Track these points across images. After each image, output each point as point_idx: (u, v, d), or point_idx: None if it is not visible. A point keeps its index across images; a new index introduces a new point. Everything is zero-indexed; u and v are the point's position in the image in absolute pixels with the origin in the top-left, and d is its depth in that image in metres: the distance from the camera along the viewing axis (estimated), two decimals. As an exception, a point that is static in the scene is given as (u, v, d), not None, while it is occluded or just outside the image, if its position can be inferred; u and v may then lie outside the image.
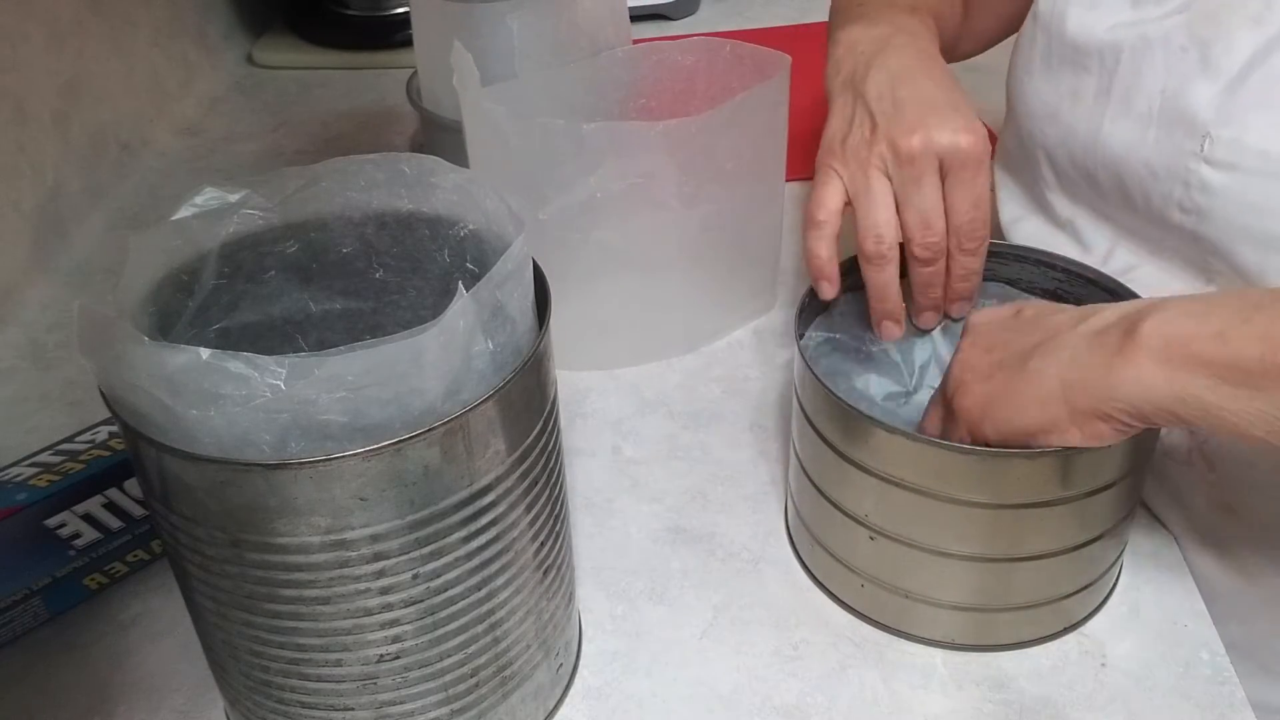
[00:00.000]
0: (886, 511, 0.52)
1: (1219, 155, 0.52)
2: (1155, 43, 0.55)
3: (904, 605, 0.54)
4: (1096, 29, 0.58)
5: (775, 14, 1.26)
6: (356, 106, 1.12)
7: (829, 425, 0.53)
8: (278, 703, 0.45)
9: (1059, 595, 0.53)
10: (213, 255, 0.46)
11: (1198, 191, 0.54)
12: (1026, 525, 0.50)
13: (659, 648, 0.56)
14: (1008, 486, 0.48)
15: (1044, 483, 0.48)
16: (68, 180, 0.90)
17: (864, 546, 0.54)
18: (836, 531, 0.55)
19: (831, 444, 0.52)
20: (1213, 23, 0.54)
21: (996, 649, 0.54)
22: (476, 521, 0.42)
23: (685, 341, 0.76)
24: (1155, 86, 0.55)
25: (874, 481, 0.51)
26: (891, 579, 0.54)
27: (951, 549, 0.51)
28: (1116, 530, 0.53)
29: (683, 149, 0.66)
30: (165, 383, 0.36)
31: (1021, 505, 0.49)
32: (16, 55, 0.84)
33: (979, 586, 0.52)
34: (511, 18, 0.78)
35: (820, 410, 0.53)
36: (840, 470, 0.52)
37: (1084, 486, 0.49)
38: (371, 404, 0.38)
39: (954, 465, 0.48)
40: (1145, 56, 0.56)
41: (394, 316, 0.52)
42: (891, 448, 0.50)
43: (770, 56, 0.71)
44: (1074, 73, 0.60)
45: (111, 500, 0.60)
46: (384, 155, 0.48)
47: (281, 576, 0.40)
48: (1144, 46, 0.56)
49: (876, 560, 0.54)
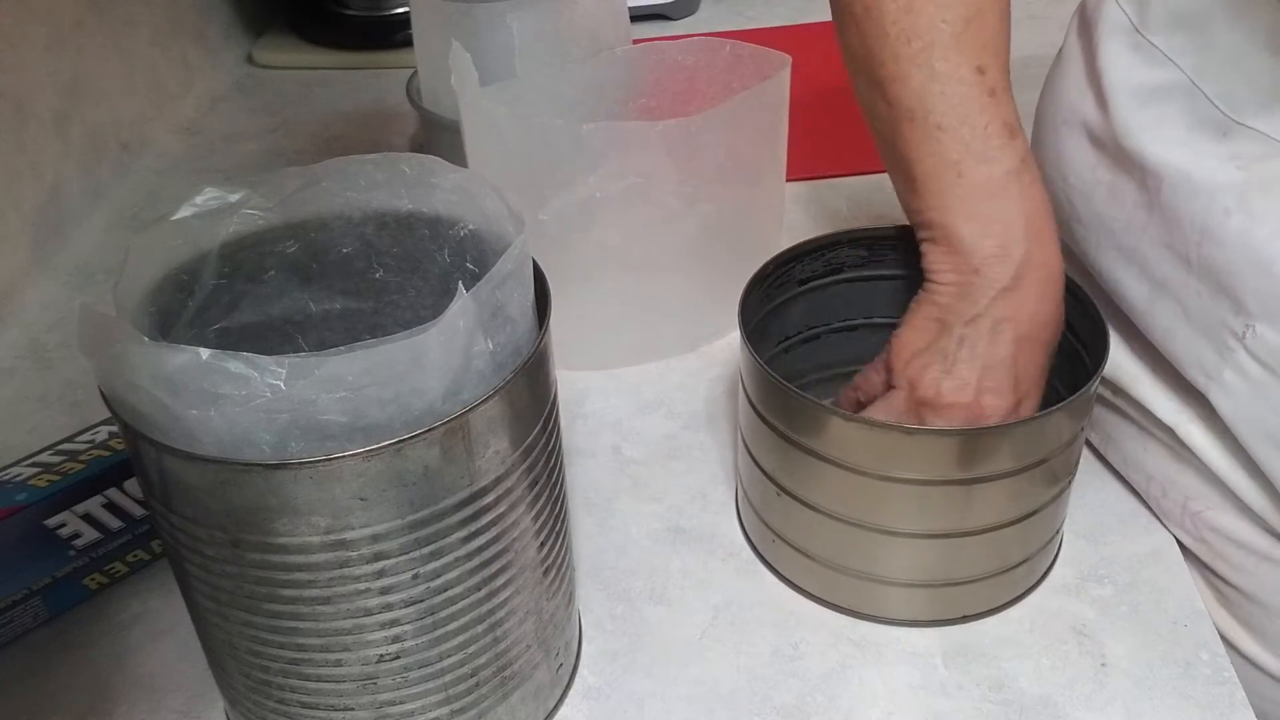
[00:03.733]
0: (832, 492, 0.53)
1: (1261, 353, 0.47)
2: (1200, 189, 0.47)
3: (856, 585, 0.55)
4: (1143, 139, 0.50)
5: (775, 14, 1.26)
6: (356, 106, 1.12)
7: (772, 409, 0.54)
8: (278, 703, 0.45)
9: (1007, 566, 0.55)
10: (213, 255, 0.46)
11: (1231, 369, 0.49)
12: (971, 500, 0.51)
13: (659, 648, 0.56)
14: (946, 463, 0.50)
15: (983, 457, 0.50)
16: (68, 180, 0.90)
17: (812, 527, 0.55)
18: (786, 515, 0.56)
19: (774, 426, 0.54)
20: (1269, 194, 0.45)
21: (946, 624, 0.56)
22: (476, 521, 0.42)
23: (685, 341, 0.76)
24: (1193, 236, 0.48)
25: (821, 464, 0.52)
26: (842, 560, 0.55)
27: (898, 527, 0.52)
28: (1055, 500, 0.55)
29: (683, 149, 0.66)
30: (165, 383, 0.36)
31: (963, 481, 0.50)
32: (16, 55, 0.84)
33: (928, 563, 0.54)
34: (511, 18, 0.78)
35: (764, 395, 0.54)
36: (782, 452, 0.54)
37: (1022, 460, 0.50)
38: (371, 404, 0.38)
39: (895, 444, 0.50)
40: (1185, 199, 0.48)
41: (394, 316, 0.52)
42: (833, 429, 0.51)
43: (770, 56, 0.71)
44: (1114, 168, 0.53)
45: (111, 500, 0.60)
46: (384, 155, 0.48)
47: (281, 576, 0.40)
48: (1186, 187, 0.48)
49: (826, 541, 0.55)
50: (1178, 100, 0.50)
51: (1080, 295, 0.55)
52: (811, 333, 0.65)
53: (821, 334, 0.65)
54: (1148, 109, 0.51)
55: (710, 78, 0.75)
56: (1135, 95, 0.52)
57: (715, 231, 0.71)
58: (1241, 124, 0.48)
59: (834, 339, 0.66)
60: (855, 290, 0.64)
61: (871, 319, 0.65)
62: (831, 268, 0.63)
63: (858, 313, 0.65)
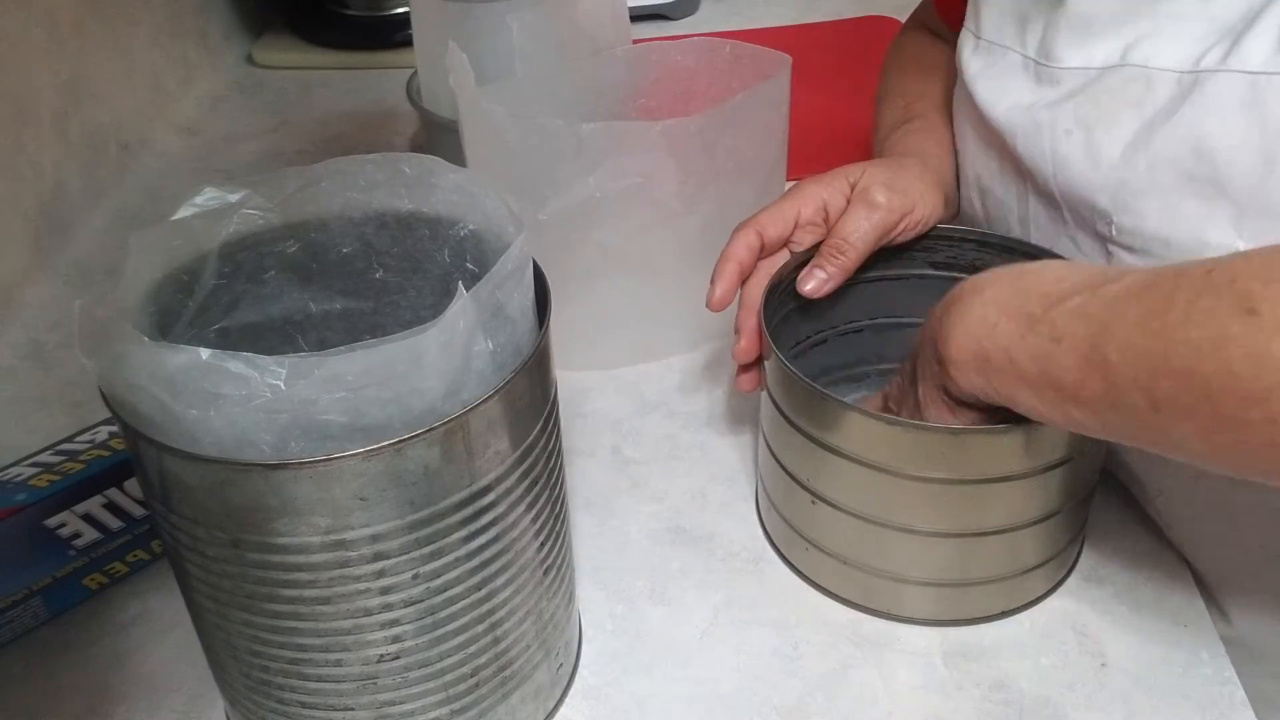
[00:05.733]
0: (846, 488, 0.53)
1: (1126, 240, 0.52)
2: (1044, 126, 0.55)
3: (870, 582, 0.55)
4: (996, 109, 0.58)
5: (775, 14, 1.26)
6: (356, 106, 1.12)
7: (792, 404, 0.54)
8: (278, 703, 0.45)
9: (1023, 569, 0.54)
10: (213, 255, 0.46)
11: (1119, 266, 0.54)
12: (988, 500, 0.51)
13: (659, 648, 0.56)
14: (967, 462, 0.50)
15: (1003, 458, 0.50)
16: (68, 180, 0.90)
17: (832, 522, 0.55)
18: (801, 509, 0.56)
19: (794, 423, 0.54)
20: (1095, 105, 0.53)
21: (961, 623, 0.55)
22: (476, 521, 0.42)
23: (685, 341, 0.76)
24: (1049, 171, 0.55)
25: (839, 460, 0.52)
26: (858, 556, 0.55)
27: (915, 525, 0.52)
28: (1077, 504, 0.54)
29: (683, 149, 0.66)
30: (165, 383, 0.36)
31: (981, 480, 0.50)
32: (16, 55, 0.84)
33: (944, 562, 0.54)
34: (511, 18, 0.79)
35: (787, 393, 0.54)
36: (805, 450, 0.54)
37: (1042, 461, 0.50)
38: (371, 404, 0.38)
39: (914, 442, 0.50)
40: (1035, 141, 0.55)
41: (394, 316, 0.52)
42: (852, 425, 0.51)
43: (770, 56, 0.71)
44: (988, 147, 0.60)
45: (111, 500, 0.60)
46: (384, 155, 0.48)
47: (281, 576, 0.40)
48: (1034, 131, 0.55)
49: (839, 536, 0.55)
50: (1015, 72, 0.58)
51: None
52: (819, 337, 0.65)
53: (829, 337, 0.65)
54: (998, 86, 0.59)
55: (710, 78, 0.75)
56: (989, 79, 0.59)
57: (715, 231, 0.71)
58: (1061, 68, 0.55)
59: (841, 342, 0.66)
60: (860, 293, 0.64)
61: (876, 320, 0.65)
62: None
63: (863, 315, 0.65)
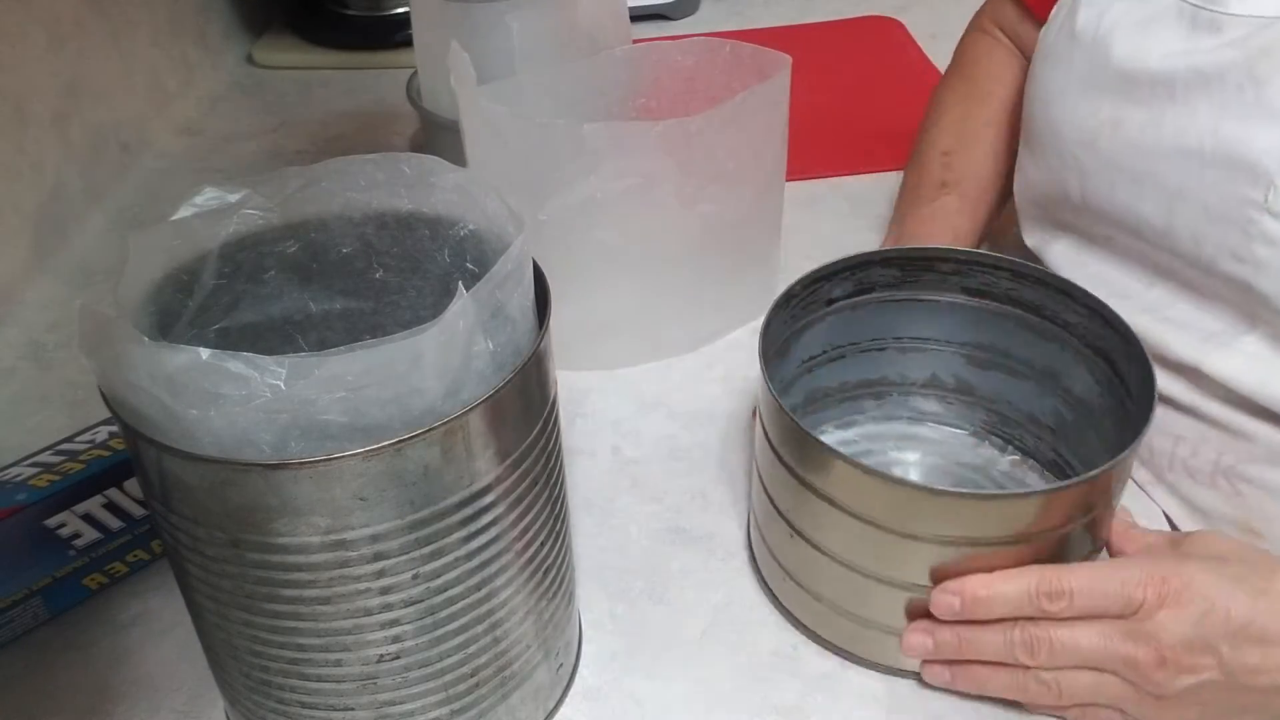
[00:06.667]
0: (842, 539, 0.51)
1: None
2: (1211, 77, 0.52)
3: (856, 631, 0.53)
4: (1148, 58, 0.55)
5: (775, 14, 1.26)
6: (356, 106, 1.12)
7: (790, 451, 0.52)
8: (278, 703, 0.45)
9: None
10: (213, 255, 0.46)
11: (1259, 242, 0.51)
12: (984, 562, 0.49)
13: (659, 648, 0.56)
14: (948, 523, 0.48)
15: (1005, 522, 0.48)
16: (68, 180, 0.90)
17: (820, 570, 0.53)
18: (792, 552, 0.54)
19: (779, 454, 0.52)
20: (1269, 59, 0.50)
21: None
22: (476, 521, 0.42)
23: (685, 341, 0.76)
24: (1209, 125, 0.52)
25: (836, 512, 0.50)
26: (846, 604, 0.53)
27: (909, 580, 0.50)
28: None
29: (683, 149, 0.66)
30: (165, 383, 0.36)
31: (980, 543, 0.48)
32: (16, 55, 0.84)
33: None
34: (511, 17, 0.79)
35: (782, 436, 0.52)
36: (788, 482, 0.52)
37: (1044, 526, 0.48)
38: (371, 404, 0.38)
39: (912, 502, 0.48)
40: (1200, 92, 0.53)
41: (394, 316, 0.52)
42: (852, 481, 0.49)
43: (770, 56, 0.71)
44: (1117, 101, 0.57)
45: (111, 500, 0.60)
46: (384, 155, 0.48)
47: (281, 576, 0.40)
48: (1199, 81, 0.53)
49: (832, 583, 0.53)
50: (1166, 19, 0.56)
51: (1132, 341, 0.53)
52: (837, 352, 0.63)
53: (848, 353, 0.63)
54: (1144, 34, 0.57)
55: (710, 78, 0.75)
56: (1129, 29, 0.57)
57: (715, 232, 0.71)
58: (1227, 14, 0.53)
59: (861, 359, 0.64)
60: (885, 310, 0.62)
61: (900, 339, 0.63)
62: (862, 287, 0.61)
63: (886, 332, 0.63)
